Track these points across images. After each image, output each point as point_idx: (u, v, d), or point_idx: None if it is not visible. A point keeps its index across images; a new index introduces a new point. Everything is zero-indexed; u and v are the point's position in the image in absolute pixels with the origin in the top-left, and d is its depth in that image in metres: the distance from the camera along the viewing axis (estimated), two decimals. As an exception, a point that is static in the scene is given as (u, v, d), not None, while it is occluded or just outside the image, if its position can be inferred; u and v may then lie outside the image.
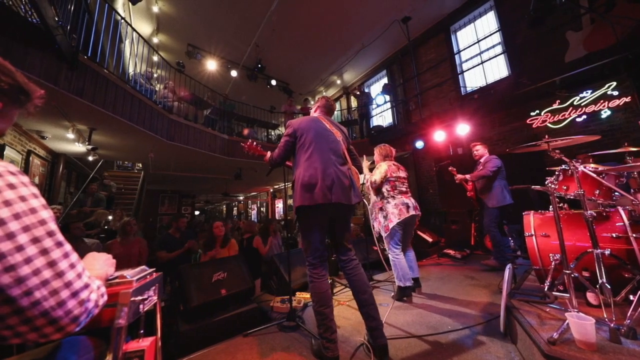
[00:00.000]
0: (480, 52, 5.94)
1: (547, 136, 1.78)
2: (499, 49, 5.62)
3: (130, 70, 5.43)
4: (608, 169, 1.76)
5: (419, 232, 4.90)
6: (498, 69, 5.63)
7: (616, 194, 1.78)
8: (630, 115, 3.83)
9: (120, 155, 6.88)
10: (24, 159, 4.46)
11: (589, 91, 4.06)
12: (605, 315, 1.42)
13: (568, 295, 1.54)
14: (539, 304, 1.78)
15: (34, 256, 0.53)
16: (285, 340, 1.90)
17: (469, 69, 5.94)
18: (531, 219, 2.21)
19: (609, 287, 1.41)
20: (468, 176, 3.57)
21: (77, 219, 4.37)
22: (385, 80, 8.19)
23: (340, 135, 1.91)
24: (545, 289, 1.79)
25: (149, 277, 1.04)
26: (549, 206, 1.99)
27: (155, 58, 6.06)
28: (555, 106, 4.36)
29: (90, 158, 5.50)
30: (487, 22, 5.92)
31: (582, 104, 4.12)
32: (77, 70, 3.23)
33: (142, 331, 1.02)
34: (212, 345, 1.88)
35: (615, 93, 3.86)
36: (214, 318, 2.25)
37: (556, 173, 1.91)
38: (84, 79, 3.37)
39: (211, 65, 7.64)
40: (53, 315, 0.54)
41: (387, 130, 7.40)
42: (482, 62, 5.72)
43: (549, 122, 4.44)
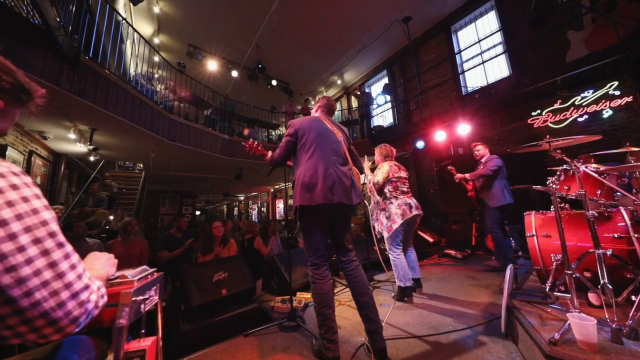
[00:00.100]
0: (481, 52, 5.94)
1: (548, 136, 1.78)
2: (499, 48, 5.61)
3: (132, 70, 5.45)
4: (610, 168, 1.75)
5: (419, 232, 4.90)
6: (499, 69, 5.62)
7: (618, 194, 1.78)
8: (632, 115, 3.82)
9: (121, 155, 6.90)
10: (26, 159, 4.47)
11: (591, 91, 4.05)
12: (606, 316, 1.42)
13: (569, 295, 1.54)
14: (540, 305, 1.77)
15: (35, 257, 0.53)
16: (286, 340, 1.90)
17: (469, 69, 5.94)
18: (532, 219, 2.21)
19: (610, 287, 1.40)
20: (467, 175, 3.56)
21: (79, 218, 4.38)
22: (385, 80, 8.18)
23: (342, 136, 1.91)
24: (547, 290, 1.79)
25: (150, 277, 1.04)
26: (550, 206, 1.99)
27: (156, 58, 6.09)
28: (556, 106, 4.34)
29: (92, 158, 5.52)
30: (488, 22, 5.91)
31: (583, 104, 4.11)
32: (78, 70, 3.24)
33: (143, 331, 1.03)
34: (213, 345, 1.88)
35: (617, 93, 3.84)
36: (215, 318, 2.25)
37: (557, 173, 1.90)
38: (85, 80, 3.38)
39: (212, 65, 7.65)
40: (53, 316, 0.54)
41: (387, 130, 7.39)
42: (483, 62, 5.71)
43: (550, 122, 4.43)
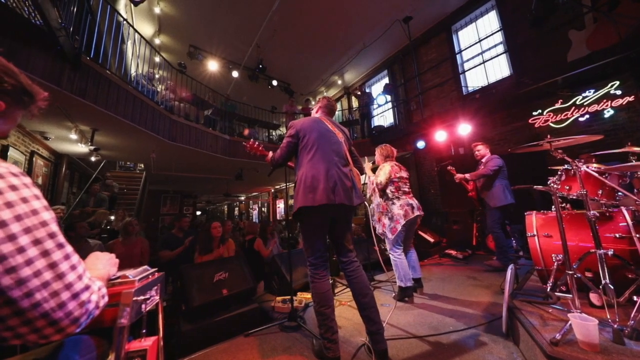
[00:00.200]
0: (482, 52, 5.93)
1: (549, 136, 1.77)
2: (500, 48, 5.60)
3: (133, 71, 5.46)
4: (611, 168, 1.74)
5: (420, 232, 4.89)
6: (500, 69, 5.61)
7: (619, 194, 1.77)
8: (633, 114, 3.80)
9: (122, 155, 6.90)
10: (28, 160, 4.49)
11: (592, 90, 4.04)
12: (608, 316, 1.41)
13: (571, 295, 1.54)
14: (541, 305, 1.77)
15: (35, 258, 0.53)
16: (286, 340, 1.91)
17: (470, 69, 5.93)
18: (533, 219, 2.20)
19: (612, 287, 1.40)
20: (468, 175, 3.55)
21: (80, 219, 4.39)
22: (386, 80, 8.18)
23: (342, 136, 1.91)
24: (548, 290, 1.79)
25: (151, 277, 1.05)
26: (552, 206, 1.98)
27: (157, 59, 6.10)
28: (557, 106, 4.33)
29: (93, 159, 5.54)
30: (489, 22, 5.90)
31: (584, 104, 4.10)
32: (79, 71, 3.25)
33: (144, 331, 1.03)
34: (213, 345, 1.89)
35: (618, 92, 3.83)
36: (216, 318, 2.25)
37: (558, 173, 1.89)
38: (86, 80, 3.38)
39: (212, 65, 7.66)
40: (53, 317, 0.54)
41: (388, 131, 7.39)
42: (483, 62, 5.71)
43: (551, 122, 4.41)
